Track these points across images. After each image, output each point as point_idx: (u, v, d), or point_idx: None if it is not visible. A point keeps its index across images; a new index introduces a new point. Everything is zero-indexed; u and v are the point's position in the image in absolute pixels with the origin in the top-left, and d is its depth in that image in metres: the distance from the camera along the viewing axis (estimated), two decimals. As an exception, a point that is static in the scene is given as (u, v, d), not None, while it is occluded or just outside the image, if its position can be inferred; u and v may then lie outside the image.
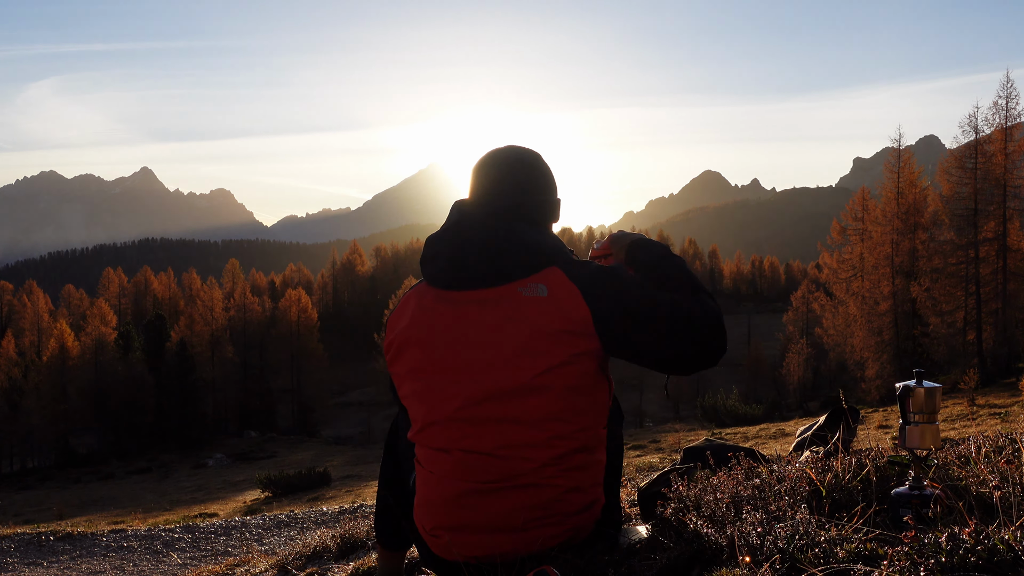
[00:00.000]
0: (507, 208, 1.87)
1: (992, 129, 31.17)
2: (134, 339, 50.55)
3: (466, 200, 1.92)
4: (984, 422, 13.89)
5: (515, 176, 1.91)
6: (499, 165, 1.93)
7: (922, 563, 1.26)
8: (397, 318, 1.91)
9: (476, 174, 1.95)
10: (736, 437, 16.68)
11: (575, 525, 1.80)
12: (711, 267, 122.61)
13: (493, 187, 1.90)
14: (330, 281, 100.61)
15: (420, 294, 1.90)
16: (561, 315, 1.71)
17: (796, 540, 1.49)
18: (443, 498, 1.79)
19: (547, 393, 1.71)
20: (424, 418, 1.82)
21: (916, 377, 1.76)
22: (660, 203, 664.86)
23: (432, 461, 1.82)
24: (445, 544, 1.81)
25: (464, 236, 1.81)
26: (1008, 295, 30.74)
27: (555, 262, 1.78)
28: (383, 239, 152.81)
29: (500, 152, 1.96)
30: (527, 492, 1.73)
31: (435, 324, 1.81)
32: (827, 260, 42.39)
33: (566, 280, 1.74)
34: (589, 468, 1.81)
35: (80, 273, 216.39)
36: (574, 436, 1.75)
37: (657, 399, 52.95)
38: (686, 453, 3.05)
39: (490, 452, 1.74)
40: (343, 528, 3.64)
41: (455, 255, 1.80)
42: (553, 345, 1.70)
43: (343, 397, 68.70)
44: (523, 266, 1.76)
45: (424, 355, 1.81)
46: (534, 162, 1.96)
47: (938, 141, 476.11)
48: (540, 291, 1.73)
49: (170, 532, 7.57)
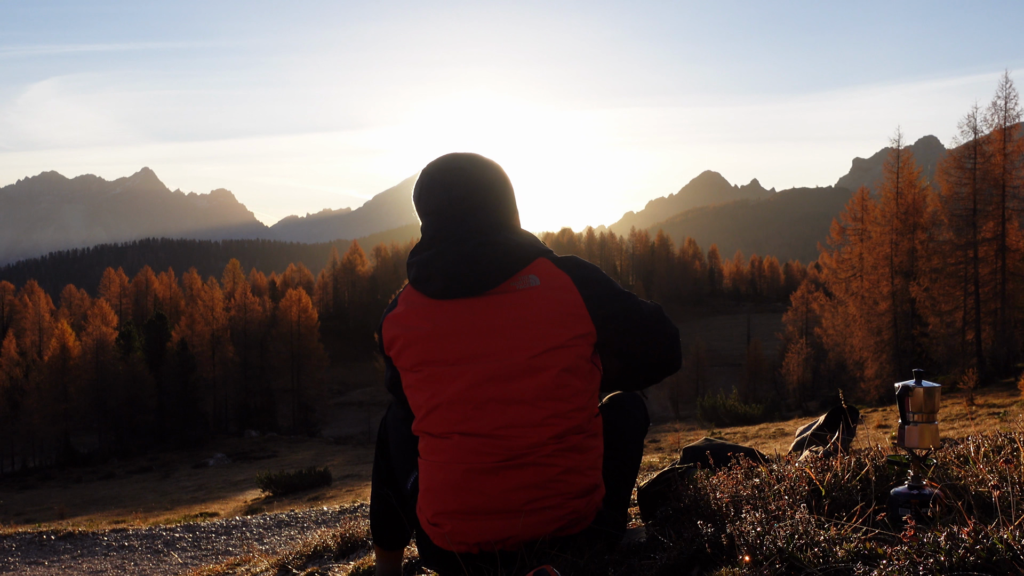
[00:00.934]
0: (480, 220, 1.91)
1: (991, 129, 31.19)
2: (135, 339, 50.55)
3: (433, 222, 1.95)
4: (983, 422, 13.90)
5: (473, 186, 1.93)
6: (454, 178, 1.94)
7: (921, 563, 1.27)
8: (397, 316, 1.96)
9: (431, 191, 1.95)
10: (736, 437, 16.70)
11: (575, 509, 1.83)
12: (711, 267, 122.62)
13: (458, 202, 1.92)
14: (330, 281, 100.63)
15: (412, 296, 1.96)
16: (555, 300, 1.84)
17: (796, 540, 1.49)
18: (445, 483, 1.84)
19: (544, 373, 1.80)
20: (426, 404, 1.88)
21: (915, 377, 1.77)
22: (660, 203, 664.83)
23: (434, 450, 1.88)
24: (446, 533, 1.85)
25: (457, 260, 1.87)
26: (1007, 295, 30.75)
27: (540, 254, 1.91)
28: (383, 239, 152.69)
29: (443, 168, 1.97)
30: (526, 471, 1.79)
31: (436, 318, 1.88)
32: (826, 260, 42.39)
33: (554, 268, 1.88)
34: (586, 451, 1.87)
35: (81, 273, 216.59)
36: (570, 415, 1.83)
37: (657, 399, 52.98)
38: (686, 453, 3.05)
39: (489, 433, 1.80)
40: (344, 527, 3.64)
41: (448, 275, 1.87)
42: (551, 328, 1.82)
43: (343, 397, 68.69)
44: (514, 266, 1.87)
45: (428, 347, 1.88)
46: (478, 170, 1.97)
47: (937, 141, 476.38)
48: (532, 281, 1.86)
49: (171, 531, 7.58)
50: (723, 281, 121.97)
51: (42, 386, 45.05)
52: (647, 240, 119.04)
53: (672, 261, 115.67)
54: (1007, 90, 31.17)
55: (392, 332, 1.95)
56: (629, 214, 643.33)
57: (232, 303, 58.50)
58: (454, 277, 1.86)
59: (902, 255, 34.49)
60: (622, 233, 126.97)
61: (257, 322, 58.17)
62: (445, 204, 1.93)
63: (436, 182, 1.95)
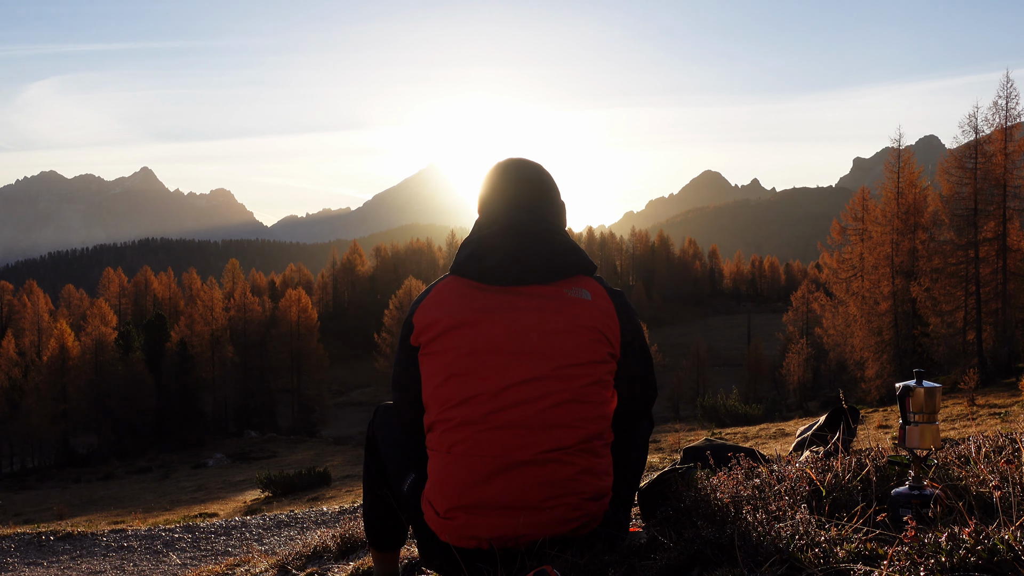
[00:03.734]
0: (545, 214, 2.05)
1: (992, 129, 31.15)
2: (134, 339, 50.51)
3: (502, 203, 2.04)
4: (984, 422, 13.90)
5: (540, 185, 2.09)
6: (525, 174, 2.09)
7: (922, 563, 1.27)
8: (433, 304, 1.95)
9: (503, 181, 2.08)
10: (736, 437, 16.69)
11: (589, 511, 1.86)
12: (711, 267, 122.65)
13: (526, 195, 2.05)
14: (330, 281, 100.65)
15: (456, 284, 1.97)
16: (600, 319, 1.93)
17: (796, 540, 1.49)
18: (465, 477, 1.84)
19: (579, 380, 1.87)
20: (459, 395, 1.87)
21: (916, 377, 1.77)
22: (660, 203, 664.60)
23: (457, 441, 1.86)
24: (459, 526, 1.84)
25: (521, 236, 1.95)
26: (1008, 295, 30.74)
27: (593, 272, 2.02)
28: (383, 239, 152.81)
29: (520, 163, 2.13)
30: (546, 469, 1.82)
31: (485, 309, 1.91)
32: (827, 260, 42.35)
33: (604, 293, 1.98)
34: (603, 456, 1.93)
35: (80, 273, 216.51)
36: (595, 421, 1.90)
37: (657, 400, 52.95)
38: (686, 453, 3.05)
39: (520, 430, 1.83)
40: (343, 528, 3.63)
41: (512, 255, 1.93)
42: (591, 342, 1.90)
43: (343, 397, 68.68)
44: (570, 268, 1.96)
45: (474, 336, 1.89)
46: (546, 172, 2.14)
47: (938, 141, 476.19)
48: (584, 295, 1.94)
49: (170, 532, 7.57)
50: (723, 281, 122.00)
51: (41, 386, 45.02)
52: (647, 240, 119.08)
53: (672, 261, 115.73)
54: (1008, 89, 31.15)
55: (427, 319, 1.93)
56: (629, 214, 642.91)
57: (231, 303, 58.47)
58: (515, 263, 1.91)
59: (903, 255, 34.47)
60: (622, 233, 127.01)
61: (257, 322, 58.14)
62: (520, 190, 2.05)
63: (513, 168, 2.10)
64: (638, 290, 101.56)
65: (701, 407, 30.50)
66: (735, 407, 28.18)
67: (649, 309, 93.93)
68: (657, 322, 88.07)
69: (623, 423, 2.07)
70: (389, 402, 2.17)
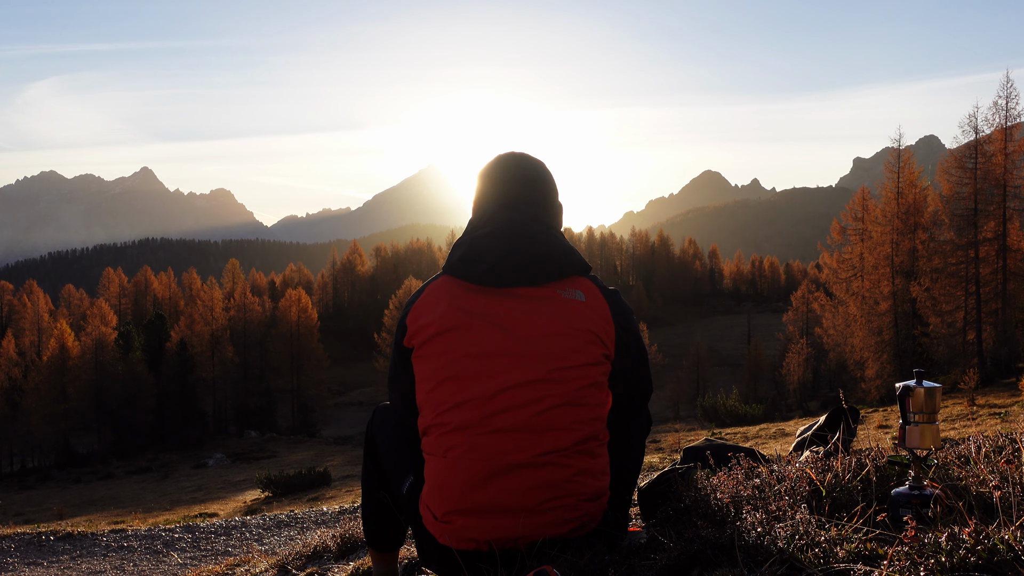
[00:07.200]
0: (540, 215, 2.01)
1: (992, 129, 31.16)
2: (134, 339, 50.51)
3: (496, 203, 2.01)
4: (984, 422, 13.91)
5: (538, 185, 2.06)
6: (523, 173, 2.06)
7: (922, 563, 1.27)
8: (426, 306, 1.93)
9: (499, 179, 2.05)
10: (736, 437, 16.70)
11: (587, 512, 1.85)
12: (711, 267, 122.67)
13: (522, 196, 2.02)
14: (330, 281, 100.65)
15: (449, 285, 1.94)
16: (595, 321, 1.91)
17: (796, 540, 1.49)
18: (462, 480, 1.83)
19: (574, 383, 1.86)
20: (453, 399, 1.86)
21: (916, 377, 1.77)
22: (660, 203, 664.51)
23: (452, 445, 1.85)
24: (457, 529, 1.83)
25: (514, 238, 1.92)
26: (1008, 295, 30.74)
27: (587, 273, 1.98)
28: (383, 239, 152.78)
29: (518, 160, 2.09)
30: (543, 471, 1.81)
31: (477, 312, 1.89)
32: (827, 260, 42.37)
33: (599, 293, 1.96)
34: (599, 456, 1.92)
35: (80, 273, 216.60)
36: (591, 423, 1.89)
37: (657, 400, 53.00)
38: (686, 453, 3.05)
39: (515, 433, 1.82)
40: (343, 528, 3.63)
41: (505, 257, 1.90)
42: (585, 344, 1.88)
43: (343, 397, 68.68)
44: (564, 270, 1.93)
45: (466, 340, 1.87)
46: (546, 170, 2.10)
47: (938, 141, 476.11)
48: (578, 296, 1.92)
49: (170, 532, 7.57)
50: (723, 281, 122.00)
51: (41, 386, 45.01)
52: (647, 240, 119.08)
53: (672, 261, 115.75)
54: (1008, 89, 31.17)
55: (420, 321, 1.92)
56: (629, 214, 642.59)
57: (231, 303, 58.48)
58: (508, 264, 1.89)
59: (903, 255, 34.47)
60: (622, 233, 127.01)
61: (256, 322, 58.14)
62: (516, 191, 2.02)
63: (511, 165, 2.06)
64: (638, 290, 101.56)
65: (701, 407, 30.52)
66: (735, 407, 28.19)
67: (649, 309, 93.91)
68: (657, 322, 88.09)
69: (619, 422, 2.05)
70: (388, 403, 2.17)
